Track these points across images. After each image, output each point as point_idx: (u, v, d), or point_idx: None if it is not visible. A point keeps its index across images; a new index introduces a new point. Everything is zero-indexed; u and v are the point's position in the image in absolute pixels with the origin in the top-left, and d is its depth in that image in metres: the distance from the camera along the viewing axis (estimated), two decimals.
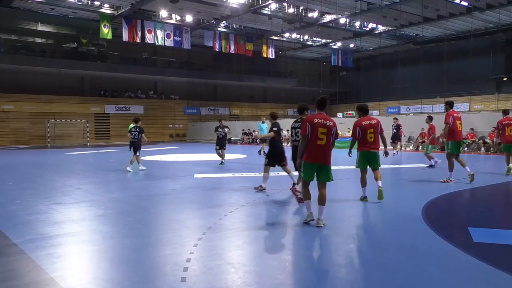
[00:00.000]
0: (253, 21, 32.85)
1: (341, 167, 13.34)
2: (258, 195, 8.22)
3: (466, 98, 36.17)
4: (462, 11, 30.02)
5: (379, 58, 44.99)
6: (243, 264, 4.24)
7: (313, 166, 5.75)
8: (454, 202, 8.00)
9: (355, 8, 29.35)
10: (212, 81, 41.80)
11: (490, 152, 19.61)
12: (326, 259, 4.49)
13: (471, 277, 3.83)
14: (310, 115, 6.09)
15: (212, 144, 33.01)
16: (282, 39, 38.82)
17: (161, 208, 7.21)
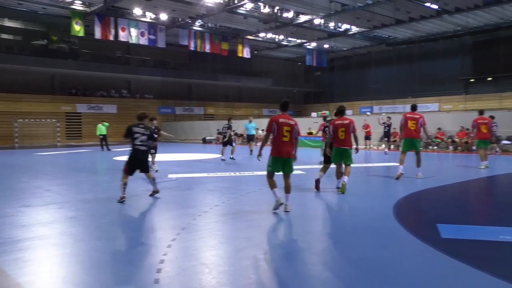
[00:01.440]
0: (228, 20, 32.79)
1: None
2: (233, 195, 8.21)
3: (436, 99, 37.15)
4: (432, 14, 30.77)
5: (352, 59, 45.69)
6: (217, 264, 4.22)
7: (279, 159, 6.57)
8: (424, 200, 8.20)
9: (329, 9, 29.66)
10: (187, 80, 41.46)
11: (458, 151, 20.19)
12: (299, 257, 4.52)
13: (439, 272, 3.93)
14: (275, 115, 6.74)
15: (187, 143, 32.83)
16: (258, 38, 38.88)
17: (133, 209, 7.10)
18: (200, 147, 28.23)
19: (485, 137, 12.48)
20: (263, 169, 12.68)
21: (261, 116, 43.68)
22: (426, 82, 37.50)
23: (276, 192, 6.53)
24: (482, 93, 34.60)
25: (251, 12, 30.98)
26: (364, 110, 40.31)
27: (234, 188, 9.29)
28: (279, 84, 47.08)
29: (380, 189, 9.29)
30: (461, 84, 37.45)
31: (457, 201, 8.17)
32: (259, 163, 7.31)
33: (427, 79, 37.67)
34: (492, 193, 9.55)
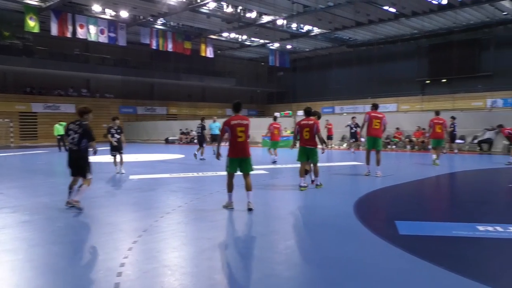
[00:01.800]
0: (191, 19, 32.47)
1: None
2: (196, 196, 8.14)
3: (395, 99, 38.34)
4: (391, 17, 31.72)
5: (314, 60, 46.39)
6: (180, 266, 4.17)
7: (236, 160, 6.71)
8: (383, 197, 8.43)
9: (291, 10, 29.97)
10: (149, 79, 40.73)
11: (415, 150, 20.92)
12: (262, 256, 4.54)
13: (397, 268, 4.05)
14: (228, 118, 6.82)
15: (150, 144, 32.25)
16: (221, 38, 38.75)
17: (93, 212, 6.89)
18: (163, 147, 27.80)
19: (439, 136, 13.28)
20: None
21: (224, 116, 43.41)
22: (385, 83, 38.63)
23: (231, 196, 6.74)
24: (437, 94, 35.99)
25: (214, 11, 30.83)
26: (326, 110, 41.05)
27: (197, 188, 9.22)
28: (242, 84, 47.12)
29: (342, 187, 9.47)
30: (418, 86, 38.82)
31: (414, 199, 8.46)
32: (221, 163, 7.29)
33: (386, 80, 38.80)
34: (446, 190, 9.95)
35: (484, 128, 19.15)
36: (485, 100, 32.72)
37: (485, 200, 7.92)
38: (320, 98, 43.04)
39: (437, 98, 35.30)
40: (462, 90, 34.35)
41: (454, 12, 29.68)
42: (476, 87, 34.11)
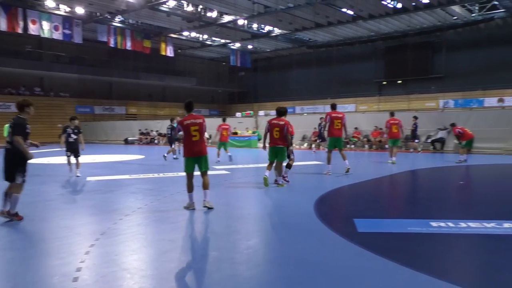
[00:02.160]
0: (150, 17, 31.91)
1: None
2: (156, 197, 8.01)
3: (353, 100, 39.28)
4: (349, 19, 32.48)
5: (275, 60, 46.78)
6: (140, 269, 4.10)
7: (193, 159, 6.72)
8: (342, 196, 8.63)
9: (252, 10, 30.08)
10: (107, 78, 39.65)
11: (373, 149, 21.54)
12: (224, 257, 4.53)
13: (355, 265, 4.16)
14: (182, 118, 6.90)
15: (108, 144, 31.40)
16: (181, 37, 38.32)
17: (47, 215, 6.64)
18: (122, 148, 27.17)
19: (396, 136, 13.88)
20: None
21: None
22: (344, 84, 39.51)
23: (192, 197, 6.70)
24: (393, 95, 37.20)
25: (174, 10, 30.45)
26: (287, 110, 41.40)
27: (157, 190, 9.07)
28: (203, 84, 46.81)
29: (302, 186, 9.59)
30: (375, 86, 39.97)
31: (372, 197, 8.70)
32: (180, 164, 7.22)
33: (344, 81, 39.69)
34: (402, 188, 10.31)
35: (437, 128, 19.99)
36: (437, 101, 34.14)
37: (438, 197, 8.26)
38: (281, 98, 43.42)
39: (393, 99, 36.48)
40: (416, 91, 35.67)
41: (408, 16, 30.79)
42: (430, 88, 35.53)
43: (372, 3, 28.72)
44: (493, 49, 31.75)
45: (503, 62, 31.56)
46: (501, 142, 18.12)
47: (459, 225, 5.51)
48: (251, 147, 24.79)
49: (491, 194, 8.73)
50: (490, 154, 17.02)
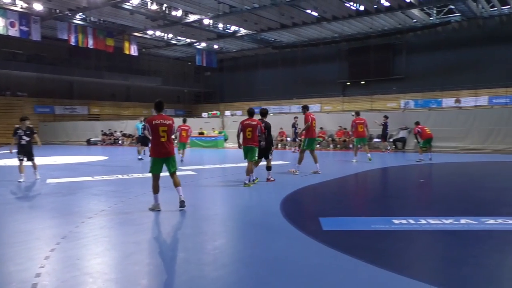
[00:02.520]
0: (113, 15, 31.15)
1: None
2: (120, 199, 7.83)
3: (318, 100, 39.84)
4: (313, 21, 32.90)
5: (241, 60, 46.78)
6: (103, 273, 3.99)
7: (160, 160, 6.67)
8: (308, 195, 8.74)
9: (218, 10, 29.95)
10: (68, 77, 38.36)
11: (337, 149, 21.93)
12: (190, 258, 4.49)
13: (320, 262, 4.22)
14: (150, 117, 6.82)
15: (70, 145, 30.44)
16: (146, 36, 37.62)
17: (5, 220, 6.36)
18: (84, 149, 26.43)
19: (362, 135, 14.30)
20: None
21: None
22: (309, 84, 40.00)
23: (157, 198, 6.63)
24: (357, 95, 38.01)
25: (137, 8, 29.86)
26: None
27: (122, 191, 8.87)
28: (169, 84, 46.19)
29: (269, 186, 9.63)
30: (339, 87, 40.68)
31: (337, 196, 8.87)
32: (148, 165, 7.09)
33: (309, 82, 40.19)
34: (365, 187, 10.55)
35: (398, 128, 20.59)
36: (399, 101, 35.14)
37: (399, 195, 8.51)
38: (247, 98, 43.48)
39: (356, 99, 37.27)
40: (378, 92, 36.58)
41: (370, 18, 31.53)
42: (391, 89, 36.51)
43: (336, 5, 29.22)
44: (450, 51, 33.01)
45: (459, 64, 32.88)
46: (458, 141, 18.90)
47: (420, 221, 5.69)
48: (218, 147, 24.70)
49: (449, 192, 9.07)
50: (448, 153, 17.68)
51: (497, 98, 30.22)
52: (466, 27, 33.00)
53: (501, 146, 18.22)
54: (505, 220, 5.67)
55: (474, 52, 30.87)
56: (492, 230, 5.29)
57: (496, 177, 11.26)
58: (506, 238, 5.01)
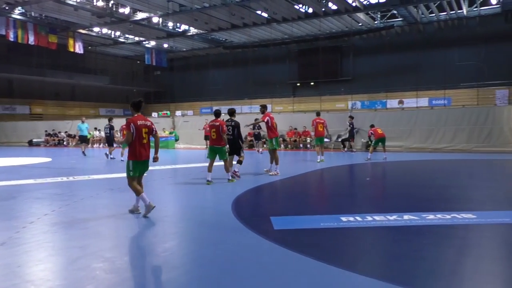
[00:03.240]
0: (56, 11, 29.74)
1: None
2: (65, 202, 7.50)
3: (269, 100, 40.18)
4: (263, 22, 33.19)
5: (192, 60, 46.27)
6: (46, 280, 3.81)
7: (142, 163, 6.38)
8: (260, 195, 8.81)
9: (167, 8, 29.46)
10: (7, 75, 36.19)
11: (288, 148, 22.27)
12: (139, 262, 4.39)
13: (271, 261, 4.27)
14: (132, 117, 6.41)
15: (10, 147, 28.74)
16: (92, 33, 36.29)
17: None
18: (26, 150, 25.08)
19: (321, 134, 14.59)
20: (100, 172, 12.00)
21: (98, 116, 40.94)
22: (260, 85, 40.28)
23: (145, 197, 6.25)
24: (307, 96, 38.77)
25: (82, 4, 28.73)
26: (205, 110, 41.27)
27: (67, 194, 8.51)
28: (117, 83, 44.82)
29: (220, 186, 9.61)
30: (289, 88, 41.30)
31: (288, 195, 9.00)
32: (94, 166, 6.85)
33: (260, 82, 40.48)
34: (315, 185, 10.79)
35: (346, 128, 21.23)
36: (347, 102, 36.20)
37: (347, 193, 8.79)
38: (198, 99, 43.12)
39: (306, 100, 38.01)
40: (327, 93, 37.49)
41: (319, 21, 32.27)
42: (339, 90, 37.56)
43: (285, 7, 29.64)
44: (393, 54, 34.47)
45: (402, 66, 34.42)
46: (402, 140, 19.83)
47: (366, 219, 5.90)
48: (169, 148, 24.31)
49: (393, 189, 9.48)
50: (392, 152, 18.46)
51: (436, 100, 31.95)
52: (407, 31, 34.62)
53: (440, 145, 19.30)
54: (443, 215, 6.01)
55: (415, 56, 32.44)
56: (432, 225, 5.58)
57: (436, 175, 11.89)
58: (444, 232, 5.31)
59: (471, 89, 30.59)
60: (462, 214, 6.09)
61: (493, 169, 13.01)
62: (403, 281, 3.64)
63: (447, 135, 19.35)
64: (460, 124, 19.20)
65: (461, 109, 20.95)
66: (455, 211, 6.24)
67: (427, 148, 19.33)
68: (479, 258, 4.38)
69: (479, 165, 13.82)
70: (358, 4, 28.44)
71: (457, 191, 8.60)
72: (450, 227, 5.50)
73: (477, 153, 17.63)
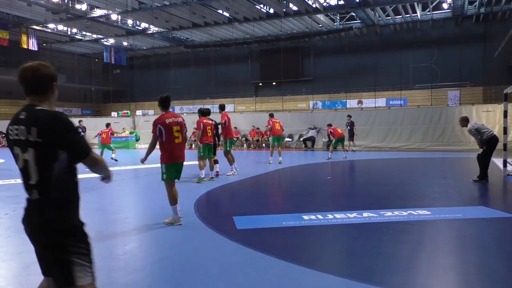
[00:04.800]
0: (7, 5, 28.37)
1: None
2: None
3: (231, 100, 40.17)
4: (225, 21, 33.10)
5: (152, 58, 45.46)
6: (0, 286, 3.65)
7: (176, 165, 5.78)
8: (222, 195, 8.79)
9: (126, 5, 28.79)
10: None
11: (251, 148, 22.34)
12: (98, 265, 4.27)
13: (233, 261, 4.28)
14: (160, 116, 5.82)
15: None
16: (46, 30, 34.90)
17: None
18: None
19: (279, 133, 14.33)
20: None
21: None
22: (222, 84, 40.17)
23: (177, 210, 5.71)
24: (269, 96, 39.01)
25: None
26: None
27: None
28: (74, 81, 43.29)
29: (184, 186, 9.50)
30: (251, 87, 41.42)
31: (251, 194, 9.03)
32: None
33: (223, 82, 40.38)
34: (278, 185, 10.89)
35: (308, 127, 21.55)
36: (308, 102, 36.73)
37: (309, 192, 8.91)
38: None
39: (268, 100, 38.24)
40: (289, 93, 37.88)
41: (280, 21, 32.55)
42: (301, 91, 38.05)
43: (247, 7, 29.69)
44: (352, 55, 35.25)
45: (360, 67, 35.29)
46: (361, 140, 20.33)
47: (327, 217, 6.02)
48: (129, 148, 23.79)
49: (353, 187, 9.72)
50: (352, 151, 18.90)
51: (393, 100, 33.00)
52: (366, 33, 35.55)
53: (397, 144, 19.97)
54: (400, 212, 6.23)
55: (372, 57, 33.34)
56: (390, 222, 5.77)
57: (393, 173, 12.28)
58: (401, 228, 5.50)
59: (425, 90, 31.82)
60: (418, 210, 6.34)
61: (446, 167, 13.59)
62: (363, 277, 3.74)
63: (404, 135, 20.05)
64: (416, 123, 19.95)
65: (417, 109, 21.75)
66: (411, 208, 6.48)
67: (385, 147, 19.95)
68: (433, 252, 4.57)
69: (433, 163, 14.40)
70: (318, 6, 28.93)
71: (412, 188, 8.93)
72: (407, 223, 5.70)
73: (431, 151, 18.38)
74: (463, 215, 6.15)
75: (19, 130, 2.23)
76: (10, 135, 2.31)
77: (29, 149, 2.19)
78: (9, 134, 2.32)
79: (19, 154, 2.25)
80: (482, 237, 5.16)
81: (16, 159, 2.31)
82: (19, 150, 2.24)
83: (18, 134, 2.23)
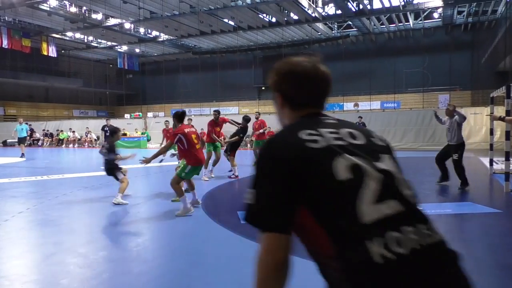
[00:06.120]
0: (29, 15, 28.54)
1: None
2: (40, 200, 7.22)
3: (236, 103, 40.25)
4: (230, 29, 33.13)
5: (163, 64, 45.56)
6: (21, 275, 3.67)
7: (197, 168, 6.32)
8: (227, 192, 8.80)
9: (138, 15, 28.86)
10: None
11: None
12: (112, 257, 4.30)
13: (237, 253, 4.29)
14: (178, 128, 6.36)
15: None
16: (65, 38, 35.03)
17: None
18: (1, 150, 23.95)
19: (262, 138, 13.75)
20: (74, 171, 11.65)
21: (71, 117, 39.65)
22: (228, 88, 40.22)
23: (186, 200, 5.96)
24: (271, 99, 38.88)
25: (56, 9, 27.71)
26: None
27: (41, 192, 8.20)
28: (90, 86, 43.47)
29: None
30: (255, 91, 41.43)
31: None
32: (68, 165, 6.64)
33: (228, 86, 40.41)
34: None
35: None
36: None
37: None
38: (169, 101, 42.55)
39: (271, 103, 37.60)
40: None
41: (281, 29, 32.54)
42: None
43: (251, 16, 29.70)
44: (349, 61, 35.18)
45: (356, 72, 35.21)
46: None
47: None
48: (141, 148, 23.85)
49: None
50: None
51: (387, 103, 32.93)
52: (361, 41, 35.48)
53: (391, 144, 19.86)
54: None
55: (368, 63, 33.24)
56: None
57: None
58: None
59: (417, 94, 31.73)
60: None
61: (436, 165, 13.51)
62: None
63: (397, 135, 19.98)
64: (408, 125, 19.88)
65: (409, 112, 21.69)
66: None
67: None
68: None
69: (424, 162, 14.36)
70: (317, 15, 28.90)
71: None
72: None
73: (423, 151, 18.32)
74: (452, 211, 6.14)
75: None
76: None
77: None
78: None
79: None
80: (469, 231, 5.15)
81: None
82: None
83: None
